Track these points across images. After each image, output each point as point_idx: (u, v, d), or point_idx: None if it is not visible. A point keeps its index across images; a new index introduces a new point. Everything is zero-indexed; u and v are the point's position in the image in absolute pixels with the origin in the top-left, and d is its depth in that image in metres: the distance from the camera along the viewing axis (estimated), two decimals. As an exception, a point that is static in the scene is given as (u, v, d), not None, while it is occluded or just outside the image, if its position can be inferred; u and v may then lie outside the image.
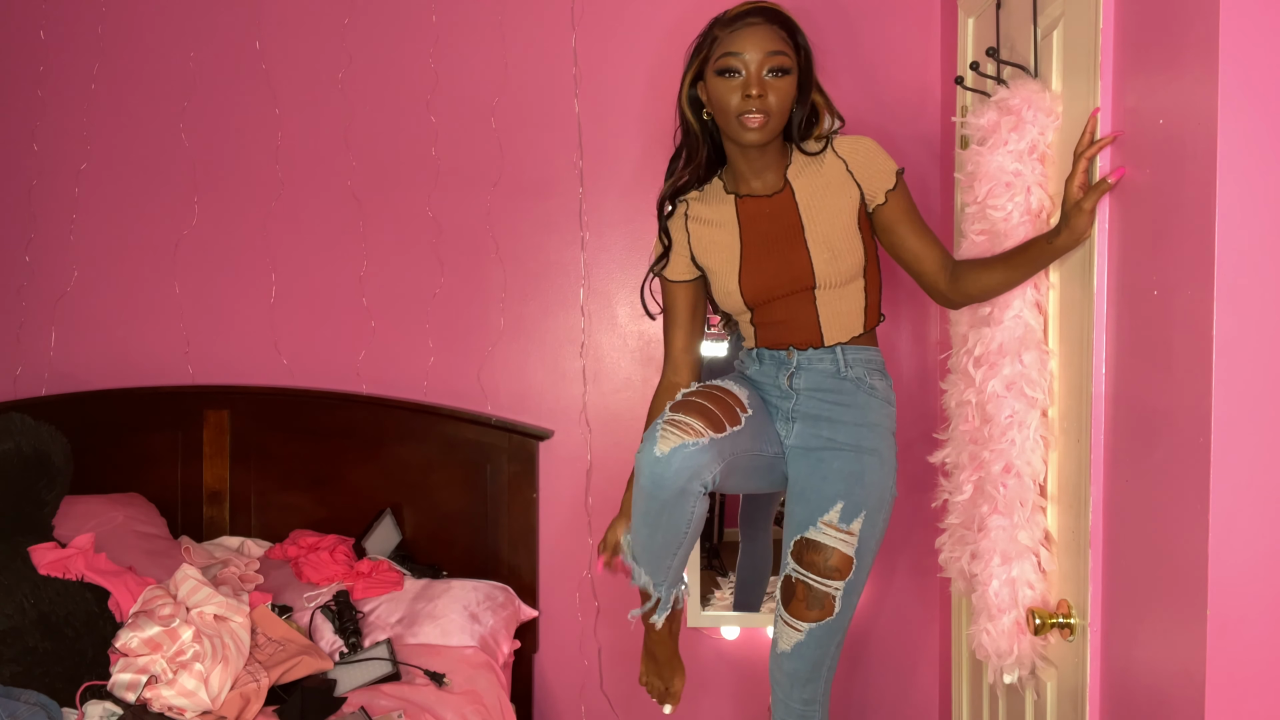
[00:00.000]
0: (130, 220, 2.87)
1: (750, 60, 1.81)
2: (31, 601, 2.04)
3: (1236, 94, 1.22)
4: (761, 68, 1.81)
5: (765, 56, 1.81)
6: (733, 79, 1.81)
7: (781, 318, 1.90)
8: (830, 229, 1.86)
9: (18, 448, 2.20)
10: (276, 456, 2.79)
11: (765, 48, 1.81)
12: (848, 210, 1.87)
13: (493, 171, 2.76)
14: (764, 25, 1.83)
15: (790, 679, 1.91)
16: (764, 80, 1.81)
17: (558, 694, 2.80)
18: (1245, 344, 1.23)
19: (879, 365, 1.94)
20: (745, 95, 1.80)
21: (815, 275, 1.86)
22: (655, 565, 1.83)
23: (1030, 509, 1.73)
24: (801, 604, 1.87)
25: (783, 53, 1.82)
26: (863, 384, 1.90)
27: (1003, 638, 1.74)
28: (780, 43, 1.83)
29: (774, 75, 1.81)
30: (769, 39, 1.82)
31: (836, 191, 1.88)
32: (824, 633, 1.87)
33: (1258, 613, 1.25)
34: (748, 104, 1.80)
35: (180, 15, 2.84)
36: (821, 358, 1.90)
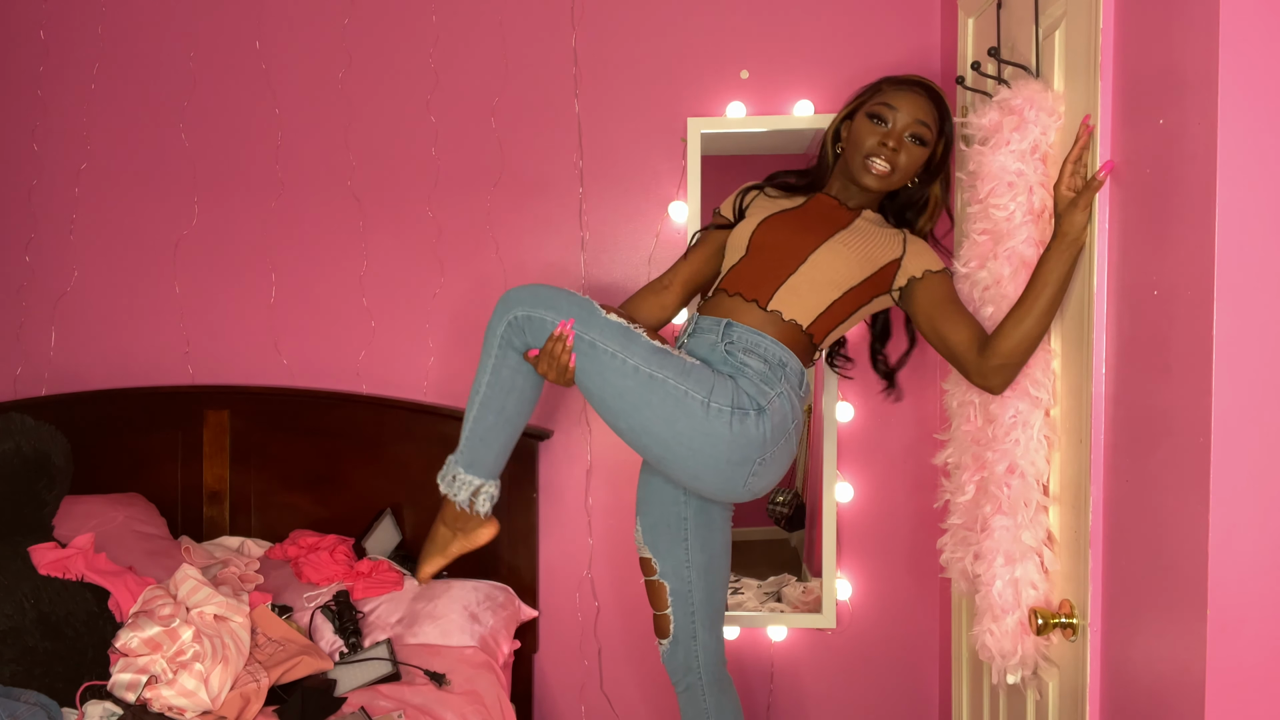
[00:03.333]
0: (130, 220, 2.87)
1: (900, 117, 1.96)
2: (31, 601, 2.04)
3: (1236, 94, 1.22)
4: (906, 128, 1.97)
5: (914, 121, 1.96)
6: (878, 125, 1.97)
7: (757, 267, 1.98)
8: (856, 247, 1.95)
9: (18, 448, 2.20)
10: (276, 456, 2.79)
11: (917, 114, 1.96)
12: (880, 252, 1.96)
13: (493, 171, 2.76)
14: (924, 98, 1.98)
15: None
16: (903, 139, 1.97)
17: (558, 694, 2.80)
18: (1245, 344, 1.24)
19: (770, 356, 1.89)
20: (882, 143, 1.96)
21: (811, 255, 1.94)
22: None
23: (1034, 509, 1.73)
24: None
25: (929, 125, 1.97)
26: (734, 357, 1.89)
27: (1006, 638, 1.74)
28: (931, 116, 1.98)
29: (913, 140, 1.97)
30: (924, 109, 1.97)
31: (882, 240, 1.98)
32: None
33: (1258, 613, 1.25)
34: (880, 150, 1.96)
35: (180, 15, 2.84)
36: (710, 327, 1.94)
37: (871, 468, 2.69)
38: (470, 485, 1.88)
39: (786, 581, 2.73)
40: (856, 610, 2.73)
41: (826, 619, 2.67)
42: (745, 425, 1.81)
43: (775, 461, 1.87)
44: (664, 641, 2.09)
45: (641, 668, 2.78)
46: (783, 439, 1.86)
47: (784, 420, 1.86)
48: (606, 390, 1.80)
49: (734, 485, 1.86)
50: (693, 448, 1.81)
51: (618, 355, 1.78)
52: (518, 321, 1.80)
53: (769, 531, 2.74)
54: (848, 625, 2.73)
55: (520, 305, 1.81)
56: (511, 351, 1.83)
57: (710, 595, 2.07)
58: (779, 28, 2.70)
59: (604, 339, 1.79)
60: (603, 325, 1.80)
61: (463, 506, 1.90)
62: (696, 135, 2.64)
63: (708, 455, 1.81)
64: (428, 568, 1.97)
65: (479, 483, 1.89)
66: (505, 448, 1.89)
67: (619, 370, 1.78)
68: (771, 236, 1.99)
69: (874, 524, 2.70)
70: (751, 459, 1.83)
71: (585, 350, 1.78)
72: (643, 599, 2.74)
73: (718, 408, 1.79)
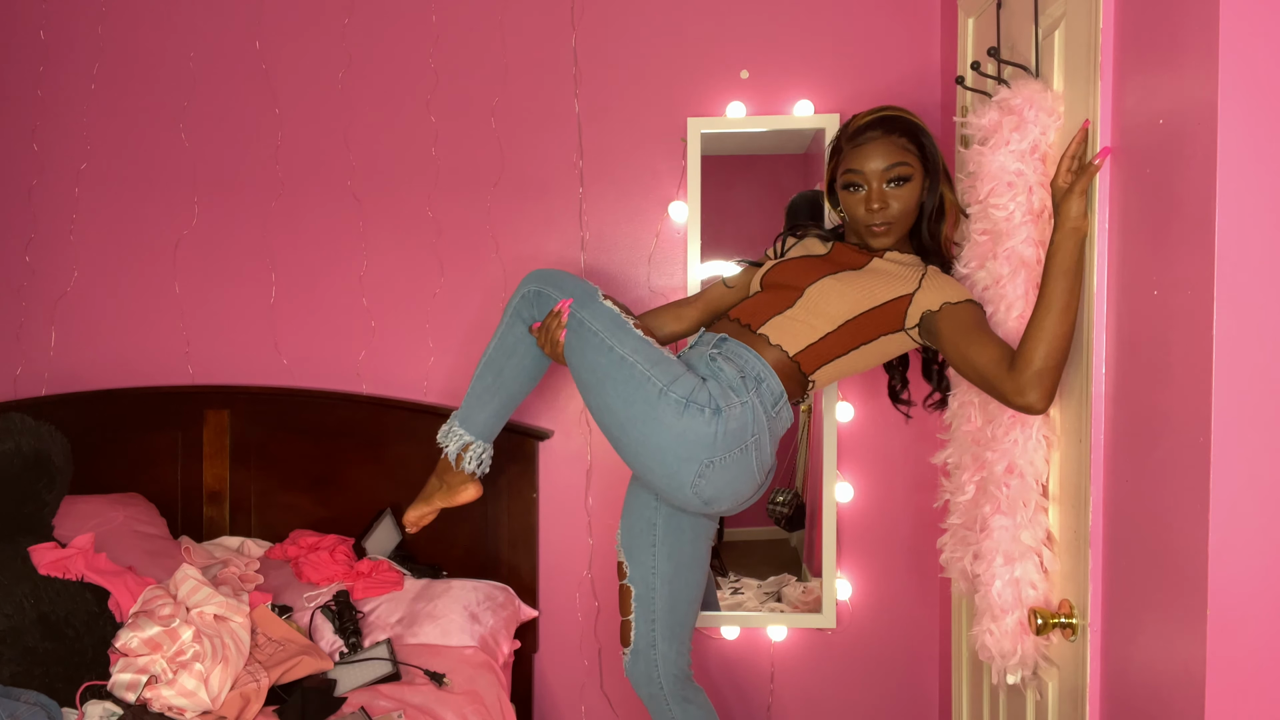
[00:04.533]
0: (130, 220, 2.87)
1: (871, 175, 1.94)
2: (31, 601, 2.04)
3: (1236, 94, 1.22)
4: (882, 181, 1.94)
5: (884, 170, 1.93)
6: (856, 192, 1.96)
7: (760, 301, 2.02)
8: (860, 284, 1.92)
9: (18, 448, 2.20)
10: (276, 456, 2.79)
11: (885, 161, 1.93)
12: (887, 290, 1.91)
13: (493, 171, 2.76)
14: (883, 139, 1.94)
15: None
16: (885, 192, 1.94)
17: (558, 694, 2.80)
18: (1245, 344, 1.23)
19: (749, 369, 1.90)
20: (868, 209, 1.95)
21: (807, 289, 1.95)
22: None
23: (1033, 509, 1.73)
24: None
25: (902, 163, 1.93)
26: (714, 363, 1.91)
27: (1006, 638, 1.74)
28: (899, 153, 1.94)
29: (894, 185, 1.94)
30: (888, 152, 1.93)
31: (896, 278, 1.92)
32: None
33: (1258, 613, 1.25)
34: (871, 216, 1.95)
35: (180, 15, 2.84)
36: (707, 340, 2.00)
37: (871, 468, 2.69)
38: (460, 439, 2.04)
39: (786, 581, 2.73)
40: (856, 610, 2.73)
41: (826, 619, 2.67)
42: (693, 420, 1.80)
43: (727, 470, 1.83)
44: (625, 650, 2.11)
45: (641, 668, 2.78)
46: (737, 448, 1.83)
47: (741, 429, 1.83)
48: (583, 366, 1.90)
49: (681, 484, 1.84)
50: (642, 432, 1.83)
51: (600, 334, 1.89)
52: (529, 295, 1.98)
53: (769, 531, 2.74)
54: (848, 625, 2.73)
55: (534, 282, 1.99)
56: (519, 322, 2.00)
57: (674, 606, 2.07)
58: (779, 28, 2.70)
59: (594, 319, 1.91)
60: (597, 308, 1.92)
61: (451, 460, 2.05)
62: (696, 135, 2.64)
63: (654, 443, 1.82)
64: (412, 513, 2.13)
65: (469, 439, 2.04)
66: (498, 413, 2.04)
67: (597, 348, 1.88)
68: (782, 275, 2.03)
69: (874, 524, 2.70)
70: (698, 458, 1.81)
71: (574, 327, 1.91)
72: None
73: (674, 397, 1.81)
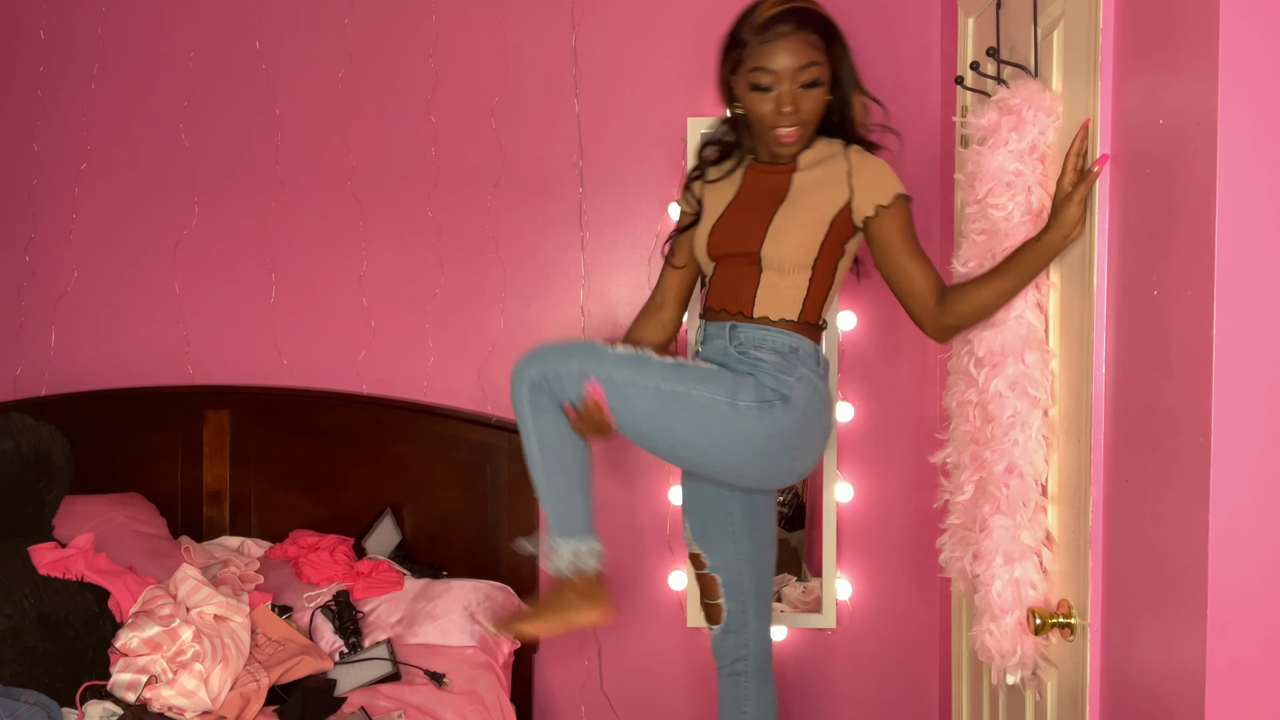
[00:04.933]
0: (130, 220, 2.87)
1: (782, 75, 1.80)
2: (31, 601, 2.04)
3: (1236, 94, 1.22)
4: (794, 82, 1.81)
5: (797, 71, 1.80)
6: (765, 94, 1.82)
7: (731, 277, 1.94)
8: (800, 215, 1.88)
9: (18, 448, 2.20)
10: (276, 456, 2.78)
11: (797, 61, 1.80)
12: (827, 207, 1.87)
13: (493, 171, 2.76)
14: (795, 35, 1.80)
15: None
16: (796, 94, 1.82)
17: (558, 694, 2.80)
18: (1245, 344, 1.23)
19: (780, 345, 1.89)
20: (779, 111, 1.82)
21: (762, 251, 1.88)
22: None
23: (1032, 509, 1.73)
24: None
25: (815, 63, 1.81)
26: (746, 355, 1.89)
27: (1006, 638, 1.74)
28: (812, 51, 1.81)
29: (806, 87, 1.82)
30: (800, 50, 1.80)
31: (826, 187, 1.88)
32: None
33: (1258, 613, 1.25)
34: (781, 119, 1.83)
35: (180, 15, 2.84)
36: (719, 332, 1.92)
37: (871, 468, 2.69)
38: (570, 549, 1.84)
39: (786, 581, 2.73)
40: (856, 610, 2.73)
41: (826, 619, 2.67)
42: (775, 416, 1.81)
43: (813, 440, 1.89)
44: (715, 628, 2.06)
45: (642, 668, 2.78)
46: (814, 418, 1.87)
47: (810, 401, 1.86)
48: (636, 419, 1.80)
49: (777, 473, 1.91)
50: (730, 449, 1.82)
51: (636, 382, 1.78)
52: (536, 384, 1.79)
53: (769, 531, 2.73)
54: (848, 625, 2.73)
55: (532, 367, 1.79)
56: (544, 413, 1.80)
57: (760, 583, 2.07)
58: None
59: (619, 372, 1.78)
60: (614, 360, 1.79)
61: (572, 574, 1.85)
62: (696, 135, 2.64)
63: (745, 452, 1.83)
64: (525, 627, 1.90)
65: (577, 545, 1.85)
66: (586, 501, 1.86)
67: (641, 395, 1.78)
68: (725, 243, 1.93)
69: (874, 524, 2.70)
70: (789, 445, 1.85)
71: (607, 388, 1.77)
72: (643, 599, 2.74)
73: (745, 405, 1.80)
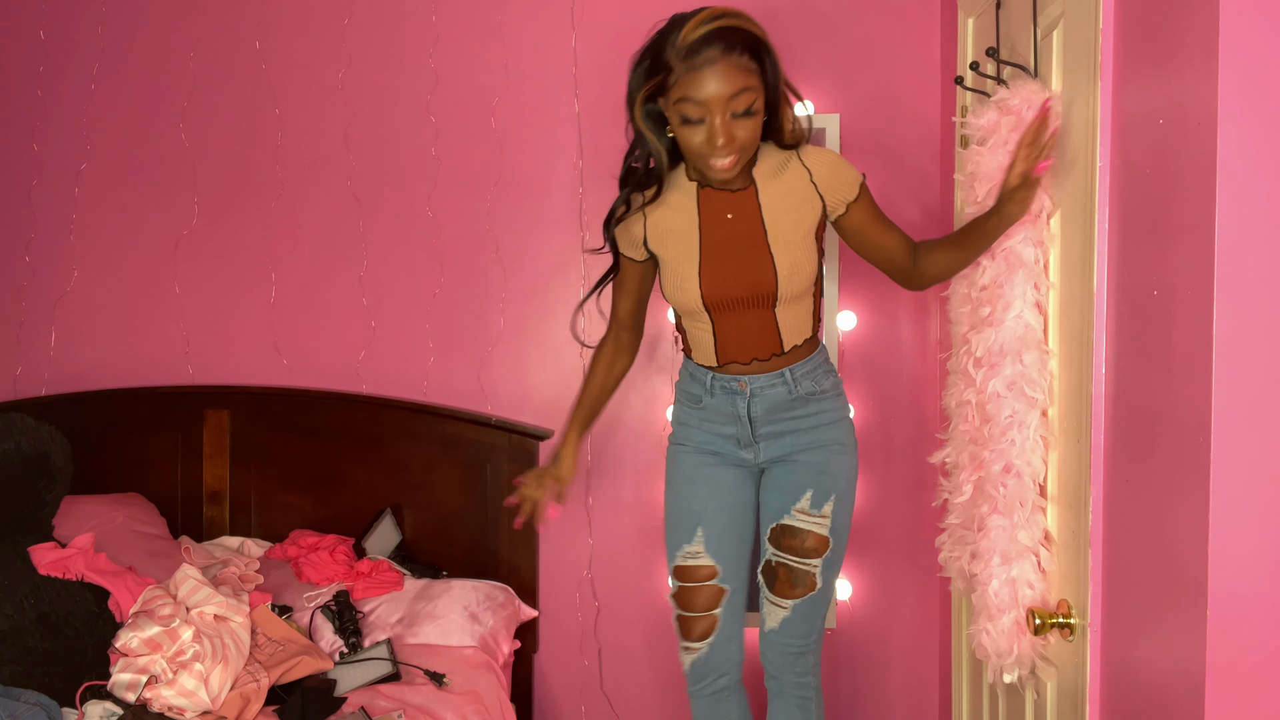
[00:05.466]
0: (130, 220, 2.87)
1: (713, 106, 1.67)
2: (31, 601, 2.04)
3: (1236, 94, 1.22)
4: (726, 112, 1.68)
5: (729, 100, 1.67)
6: (697, 125, 1.69)
7: (742, 327, 1.88)
8: (792, 238, 1.85)
9: (18, 448, 2.20)
10: (276, 456, 2.79)
11: (729, 91, 1.66)
12: (809, 220, 1.86)
13: (493, 171, 2.76)
14: (723, 60, 1.66)
15: (783, 655, 2.00)
16: (729, 124, 1.69)
17: (558, 694, 2.80)
18: (1245, 344, 1.23)
19: (822, 363, 1.97)
20: (712, 144, 1.70)
21: (779, 287, 1.84)
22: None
23: (1030, 509, 1.73)
24: (786, 584, 1.96)
25: (748, 88, 1.68)
26: (814, 393, 1.94)
27: (1003, 637, 1.74)
28: (743, 75, 1.68)
29: (740, 116, 1.69)
30: (731, 77, 1.66)
31: (800, 201, 1.85)
32: (809, 607, 1.97)
33: (1258, 613, 1.25)
34: (716, 152, 1.71)
35: (180, 15, 2.84)
36: (773, 383, 1.91)
37: (871, 467, 2.69)
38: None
39: (786, 581, 2.73)
40: (856, 610, 2.73)
41: (827, 619, 2.67)
42: (853, 448, 2.00)
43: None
44: (699, 644, 2.00)
45: (641, 668, 2.78)
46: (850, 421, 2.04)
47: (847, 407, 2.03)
48: (839, 531, 1.97)
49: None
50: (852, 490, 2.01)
51: (826, 593, 1.98)
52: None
53: (769, 531, 2.73)
54: (848, 625, 2.73)
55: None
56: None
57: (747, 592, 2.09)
58: (779, 28, 2.68)
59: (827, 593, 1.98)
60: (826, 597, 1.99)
61: None
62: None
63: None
64: None
65: None
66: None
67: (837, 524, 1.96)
68: (724, 290, 1.86)
69: (874, 524, 2.70)
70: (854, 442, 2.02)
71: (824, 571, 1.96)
72: (642, 598, 2.74)
73: (852, 449, 2.00)
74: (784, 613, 1.97)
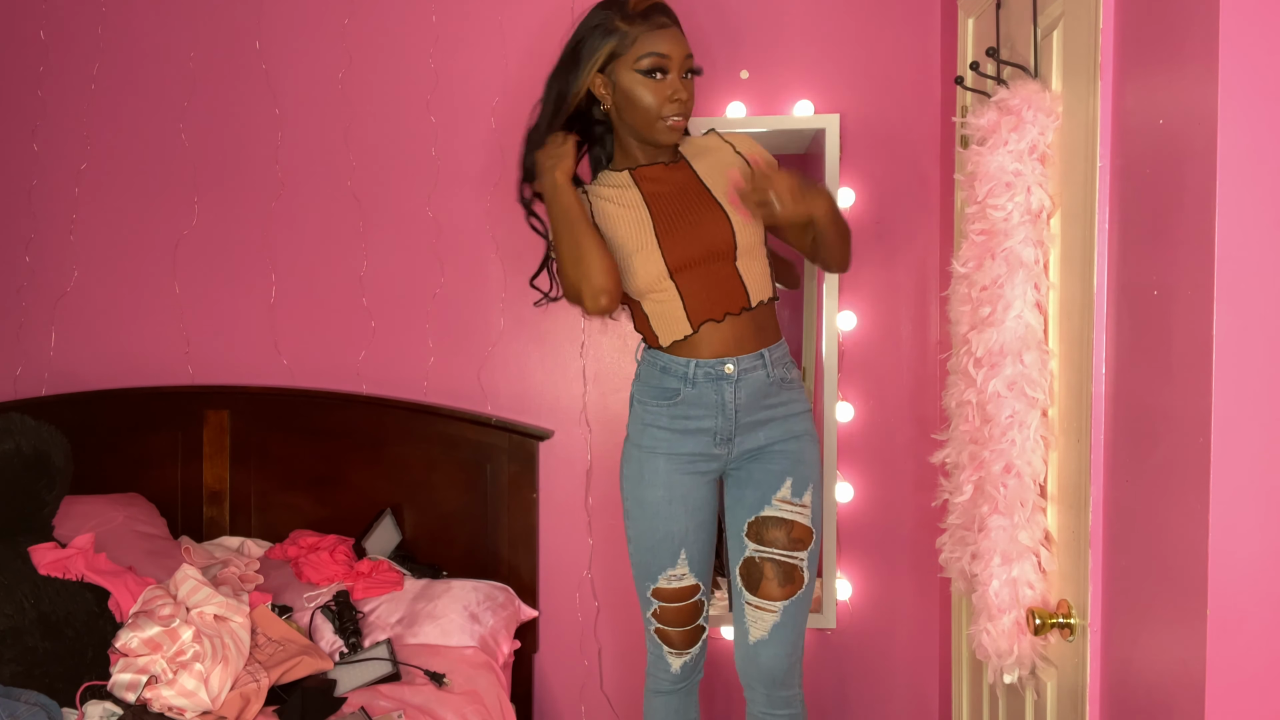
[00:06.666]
0: (130, 220, 2.87)
1: (674, 62, 1.85)
2: (31, 601, 2.04)
3: (1236, 94, 1.22)
4: (682, 69, 1.87)
5: (685, 59, 1.87)
6: (660, 79, 1.85)
7: (709, 284, 1.92)
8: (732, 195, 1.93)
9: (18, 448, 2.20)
10: (276, 456, 2.79)
11: (684, 50, 1.87)
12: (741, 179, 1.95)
13: (493, 171, 2.76)
14: (674, 26, 1.88)
15: (769, 675, 1.96)
16: (685, 82, 1.88)
17: (558, 694, 2.80)
18: (1245, 344, 1.23)
19: (786, 353, 2.02)
20: (672, 98, 1.86)
21: (735, 237, 1.91)
22: None
23: (1030, 509, 1.73)
24: (774, 582, 1.93)
25: (690, 51, 1.89)
26: (785, 381, 1.98)
27: (1003, 638, 1.74)
28: (687, 43, 1.89)
29: (690, 76, 1.89)
30: (684, 41, 1.88)
31: (727, 164, 1.96)
32: (797, 608, 1.95)
33: (1258, 613, 1.25)
34: (673, 108, 1.86)
35: (180, 15, 2.84)
36: (755, 365, 1.94)
37: (871, 468, 2.69)
38: None
39: (786, 581, 2.73)
40: (856, 610, 2.73)
41: (826, 619, 2.67)
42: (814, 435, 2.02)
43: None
44: (689, 651, 2.06)
45: (641, 668, 2.77)
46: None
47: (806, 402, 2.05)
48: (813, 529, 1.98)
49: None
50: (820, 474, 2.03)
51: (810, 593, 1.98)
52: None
53: (769, 531, 2.73)
54: (848, 625, 2.73)
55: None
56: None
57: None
58: (779, 28, 2.70)
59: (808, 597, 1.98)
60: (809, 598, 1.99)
61: None
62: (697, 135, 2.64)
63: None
64: None
65: None
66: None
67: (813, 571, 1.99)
68: (687, 249, 1.90)
69: (874, 524, 2.70)
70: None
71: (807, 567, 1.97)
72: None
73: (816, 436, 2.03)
74: (774, 617, 1.92)
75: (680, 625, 2.03)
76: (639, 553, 2.01)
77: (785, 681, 1.97)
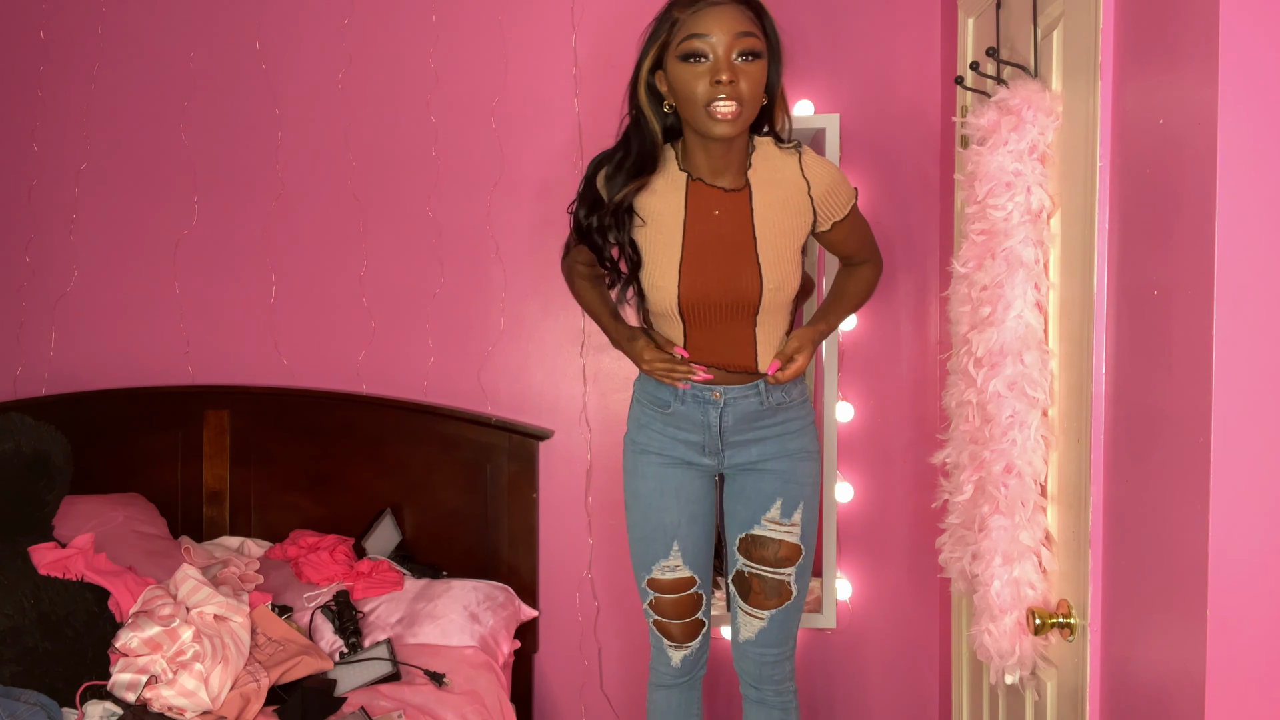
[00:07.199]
0: (130, 220, 2.87)
1: (718, 42, 1.65)
2: (31, 601, 2.04)
3: (1236, 94, 1.22)
4: (731, 50, 1.66)
5: (734, 38, 1.65)
6: (699, 64, 1.66)
7: (717, 335, 1.84)
8: (781, 249, 1.82)
9: (18, 448, 2.20)
10: (276, 456, 2.79)
11: (734, 29, 1.66)
12: (799, 233, 1.85)
13: (493, 171, 2.76)
14: (730, 5, 1.68)
15: (760, 665, 2.00)
16: (734, 65, 1.66)
17: (558, 694, 2.80)
18: (1245, 344, 1.23)
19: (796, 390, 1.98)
20: (715, 81, 1.65)
21: (762, 299, 1.80)
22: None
23: (1031, 509, 1.73)
24: (760, 595, 1.96)
25: (753, 34, 1.67)
26: (783, 403, 1.93)
27: (1004, 638, 1.74)
28: (750, 23, 1.68)
29: (745, 59, 1.67)
30: (737, 19, 1.67)
31: (793, 212, 1.82)
32: (784, 615, 1.98)
33: (1258, 613, 1.25)
34: (717, 90, 1.66)
35: (180, 15, 2.84)
36: (746, 394, 1.89)
37: (871, 468, 2.69)
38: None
39: (786, 581, 2.73)
40: (856, 610, 2.73)
41: (826, 619, 2.67)
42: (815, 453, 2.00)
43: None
44: (689, 645, 2.06)
45: (641, 668, 2.78)
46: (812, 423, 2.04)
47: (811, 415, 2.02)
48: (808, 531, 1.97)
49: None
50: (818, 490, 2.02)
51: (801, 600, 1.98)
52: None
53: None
54: (848, 625, 2.73)
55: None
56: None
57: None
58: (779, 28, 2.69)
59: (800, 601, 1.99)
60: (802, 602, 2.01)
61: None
62: (696, 135, 2.64)
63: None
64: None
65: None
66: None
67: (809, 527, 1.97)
68: (703, 292, 1.80)
69: (874, 524, 2.70)
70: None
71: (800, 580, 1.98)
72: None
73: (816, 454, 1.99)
74: (760, 623, 1.98)
75: (677, 617, 2.04)
76: (635, 543, 2.04)
77: (774, 676, 2.02)
